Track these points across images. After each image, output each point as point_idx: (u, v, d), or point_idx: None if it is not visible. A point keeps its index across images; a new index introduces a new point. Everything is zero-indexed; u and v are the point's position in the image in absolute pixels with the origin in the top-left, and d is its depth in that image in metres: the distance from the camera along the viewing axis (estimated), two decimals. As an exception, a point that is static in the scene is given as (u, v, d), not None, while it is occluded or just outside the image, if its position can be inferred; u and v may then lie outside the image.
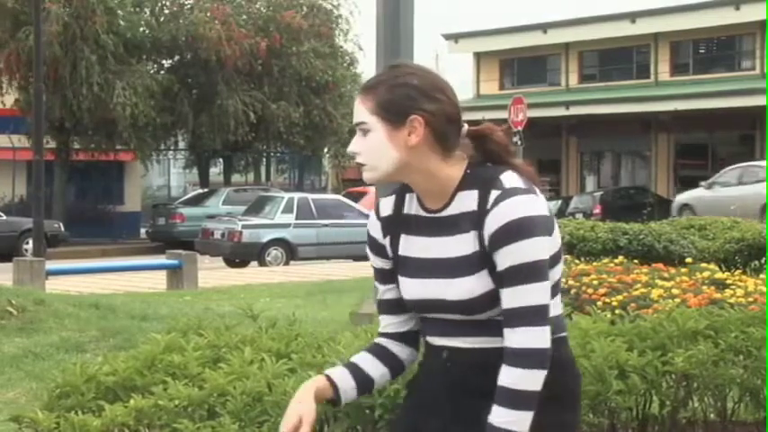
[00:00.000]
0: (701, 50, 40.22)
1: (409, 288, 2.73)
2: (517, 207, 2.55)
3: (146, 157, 35.49)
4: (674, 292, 7.91)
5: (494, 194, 2.58)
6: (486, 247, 2.59)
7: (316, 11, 35.78)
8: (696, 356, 4.44)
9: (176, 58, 35.05)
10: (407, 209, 2.76)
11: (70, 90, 30.53)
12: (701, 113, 35.12)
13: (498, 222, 2.56)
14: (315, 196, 27.81)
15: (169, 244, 26.50)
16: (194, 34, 32.37)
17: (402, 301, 2.77)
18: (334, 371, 2.82)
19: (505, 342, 2.57)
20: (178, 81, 33.28)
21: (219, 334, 4.66)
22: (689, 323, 4.64)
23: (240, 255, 24.55)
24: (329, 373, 2.80)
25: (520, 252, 2.54)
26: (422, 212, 2.73)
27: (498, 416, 2.55)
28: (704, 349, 4.47)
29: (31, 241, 20.20)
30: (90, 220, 34.51)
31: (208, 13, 33.02)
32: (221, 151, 36.96)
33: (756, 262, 11.48)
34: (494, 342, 2.62)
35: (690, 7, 38.29)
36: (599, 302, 7.65)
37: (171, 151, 42.07)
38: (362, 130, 2.66)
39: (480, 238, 2.60)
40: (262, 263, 23.96)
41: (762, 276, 9.40)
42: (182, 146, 40.14)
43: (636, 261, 10.07)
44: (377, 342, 2.86)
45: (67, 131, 32.81)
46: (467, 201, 2.64)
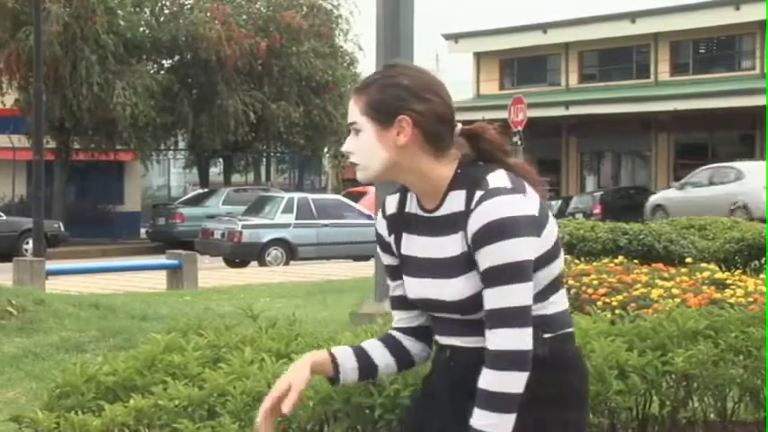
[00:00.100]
0: (700, 50, 40.24)
1: (411, 287, 2.74)
2: (499, 207, 2.54)
3: (146, 157, 35.51)
4: (674, 292, 7.91)
5: (478, 194, 2.58)
6: (471, 248, 2.59)
7: (316, 11, 35.79)
8: (696, 356, 4.43)
9: (176, 58, 35.07)
10: (409, 207, 2.77)
11: (70, 90, 30.54)
12: (700, 113, 35.12)
13: (479, 222, 2.55)
14: (315, 196, 27.81)
15: (169, 244, 26.51)
16: (194, 34, 32.38)
17: None
18: (338, 348, 2.82)
19: (486, 343, 2.56)
20: (178, 81, 33.29)
21: (219, 334, 4.66)
22: (689, 323, 4.64)
23: (240, 255, 24.55)
24: (333, 350, 2.80)
25: (500, 252, 2.53)
26: (420, 212, 2.73)
27: (478, 418, 2.54)
28: (704, 349, 4.47)
29: (31, 241, 20.20)
30: (90, 220, 34.51)
31: (208, 13, 33.03)
32: (221, 151, 36.98)
33: (756, 262, 11.47)
34: None
35: (690, 7, 38.30)
36: (599, 302, 7.64)
37: (171, 151, 42.09)
38: (355, 129, 2.68)
39: (466, 238, 2.60)
40: (262, 263, 23.95)
41: (762, 276, 9.39)
42: (182, 146, 40.15)
43: (636, 261, 10.06)
44: (389, 333, 2.87)
45: (67, 131, 32.82)
46: (456, 201, 2.64)
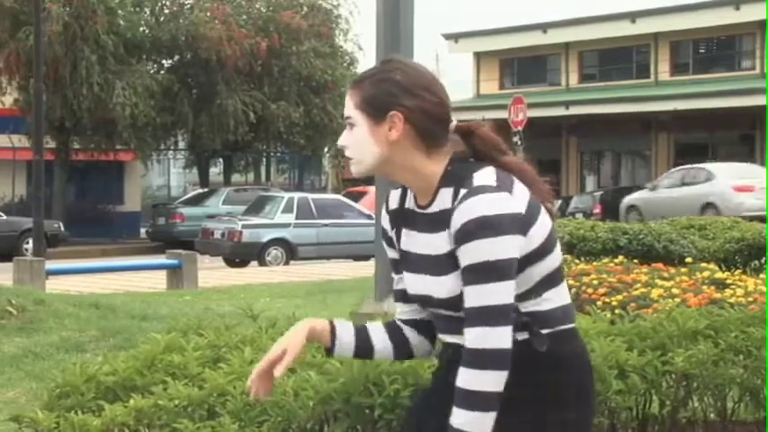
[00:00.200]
0: (700, 50, 40.22)
1: (409, 282, 2.75)
2: (480, 205, 2.53)
3: (146, 157, 35.49)
4: (674, 291, 7.92)
5: (462, 192, 2.57)
6: (453, 245, 2.59)
7: (315, 11, 35.79)
8: (696, 356, 4.43)
9: (176, 57, 35.05)
10: (408, 203, 2.78)
11: (70, 90, 30.53)
12: (700, 113, 35.12)
13: (460, 220, 2.55)
14: (315, 196, 27.80)
15: (169, 244, 26.50)
16: (194, 34, 32.37)
17: None
18: (339, 321, 2.83)
19: (464, 341, 2.55)
20: (178, 81, 33.28)
21: (219, 334, 4.66)
22: (689, 323, 4.64)
23: (240, 254, 24.54)
24: (334, 321, 2.81)
25: (479, 250, 2.52)
26: (416, 208, 2.74)
27: (456, 417, 2.53)
28: (704, 349, 4.47)
29: (31, 241, 20.22)
30: (90, 219, 34.50)
31: (208, 13, 33.04)
32: (221, 151, 36.96)
33: (756, 262, 11.47)
34: None
35: (690, 7, 38.28)
36: (599, 302, 7.65)
37: (171, 151, 42.07)
38: (350, 124, 2.69)
39: (450, 236, 2.60)
40: (262, 263, 23.93)
41: (762, 276, 9.40)
42: (182, 146, 40.14)
43: (636, 261, 10.08)
44: (393, 321, 2.88)
45: (67, 131, 32.81)
46: (445, 198, 2.64)
